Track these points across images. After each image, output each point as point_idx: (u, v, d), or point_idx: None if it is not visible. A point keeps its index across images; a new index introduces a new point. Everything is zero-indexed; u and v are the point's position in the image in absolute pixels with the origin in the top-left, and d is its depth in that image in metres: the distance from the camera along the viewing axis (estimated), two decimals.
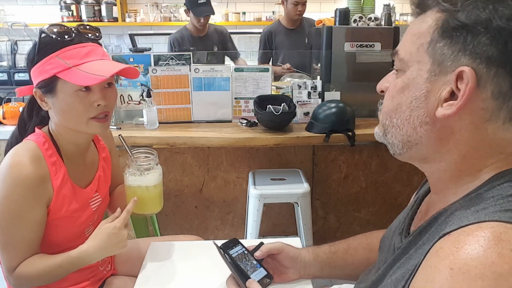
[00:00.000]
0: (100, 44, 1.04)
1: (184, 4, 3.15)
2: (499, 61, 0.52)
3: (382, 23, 2.31)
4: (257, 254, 0.94)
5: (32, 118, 1.10)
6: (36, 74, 0.97)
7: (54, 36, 0.95)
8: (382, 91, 0.67)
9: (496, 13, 0.51)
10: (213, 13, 3.14)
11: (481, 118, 0.55)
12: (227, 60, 3.40)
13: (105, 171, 1.20)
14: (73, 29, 0.99)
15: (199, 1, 3.02)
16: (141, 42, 4.05)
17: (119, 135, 1.13)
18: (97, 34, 1.04)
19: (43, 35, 0.96)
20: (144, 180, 1.07)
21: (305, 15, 3.35)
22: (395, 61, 0.63)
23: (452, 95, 0.55)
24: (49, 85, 0.97)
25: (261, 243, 0.98)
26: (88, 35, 1.01)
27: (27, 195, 0.96)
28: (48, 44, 0.96)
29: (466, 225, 0.50)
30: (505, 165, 0.56)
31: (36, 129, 1.05)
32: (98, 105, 0.99)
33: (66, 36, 0.96)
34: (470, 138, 0.56)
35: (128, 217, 1.04)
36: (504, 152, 0.56)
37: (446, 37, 0.55)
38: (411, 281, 0.54)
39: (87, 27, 1.03)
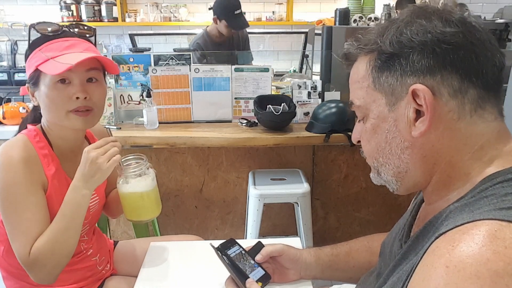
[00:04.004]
0: (91, 42, 1.05)
1: (214, 11, 2.81)
2: (438, 67, 0.57)
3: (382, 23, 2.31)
4: (258, 258, 0.94)
5: (32, 117, 1.11)
6: (27, 69, 1.01)
7: (40, 32, 0.99)
8: (359, 141, 0.71)
9: (412, 33, 0.58)
10: (248, 26, 2.90)
11: (452, 120, 0.58)
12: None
13: None
14: (63, 26, 1.01)
15: (235, 12, 2.73)
16: (141, 42, 4.04)
17: (107, 127, 1.13)
18: (88, 32, 1.06)
19: (32, 30, 1.00)
20: (137, 186, 1.05)
21: (304, 15, 3.31)
22: (356, 112, 0.69)
23: (418, 113, 0.59)
24: (33, 79, 1.00)
25: (259, 242, 0.98)
26: (75, 31, 1.03)
27: (21, 178, 0.96)
28: (35, 40, 1.00)
29: (461, 224, 0.50)
30: (492, 168, 0.58)
31: (29, 126, 1.06)
32: (77, 98, 0.98)
33: (49, 30, 0.99)
34: (449, 143, 0.59)
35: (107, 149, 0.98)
36: (478, 145, 0.59)
37: (385, 70, 0.61)
38: (409, 281, 0.55)
39: (77, 25, 1.05)
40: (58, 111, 0.99)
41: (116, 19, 4.25)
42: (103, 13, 4.21)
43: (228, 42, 3.02)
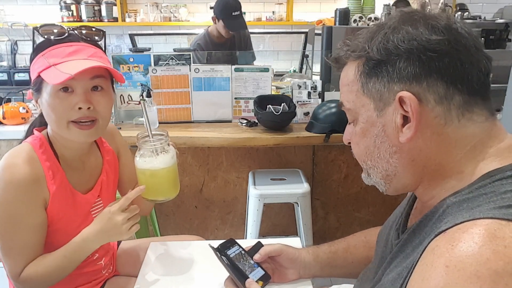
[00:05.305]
0: (98, 46, 1.00)
1: (214, 11, 2.84)
2: (424, 74, 0.58)
3: None
4: (256, 257, 0.94)
5: (39, 122, 1.07)
6: (30, 74, 0.97)
7: (45, 36, 0.95)
8: (350, 143, 0.73)
9: (398, 40, 0.59)
10: (246, 28, 2.94)
11: (439, 125, 0.59)
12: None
13: (109, 175, 1.14)
14: (69, 29, 0.97)
15: (233, 13, 2.75)
16: (141, 42, 4.05)
17: (142, 101, 1.09)
18: (96, 34, 1.01)
19: (36, 34, 0.97)
20: (155, 162, 0.98)
21: (304, 15, 3.31)
22: (346, 114, 0.71)
23: (405, 119, 0.60)
24: (36, 85, 0.95)
25: (259, 242, 0.98)
26: (82, 34, 0.98)
27: (21, 197, 0.93)
28: (39, 44, 0.95)
29: (461, 223, 0.50)
30: (490, 165, 0.58)
31: (35, 131, 1.02)
32: (79, 108, 0.92)
33: (53, 33, 0.94)
34: (437, 147, 0.60)
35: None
36: (469, 145, 0.59)
37: (372, 76, 0.62)
38: (408, 279, 0.55)
39: (84, 27, 1.00)
40: (60, 120, 0.93)
41: (116, 19, 4.25)
42: (103, 13, 4.21)
43: (230, 42, 3.02)
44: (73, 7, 4.14)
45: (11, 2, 4.34)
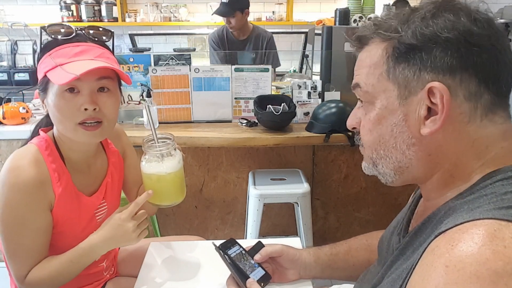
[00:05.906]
0: (106, 46, 0.99)
1: None
2: (460, 67, 0.55)
3: None
4: (257, 258, 0.94)
5: (45, 122, 1.06)
6: (38, 74, 0.95)
7: (51, 35, 0.93)
8: (354, 128, 0.69)
9: (438, 27, 0.55)
10: (224, 16, 2.94)
11: (462, 123, 0.57)
12: None
13: (114, 177, 1.14)
14: (77, 29, 0.96)
15: (222, 0, 2.90)
16: (141, 42, 4.05)
17: (145, 103, 1.06)
18: (104, 34, 1.00)
19: (43, 33, 0.95)
20: (161, 167, 0.97)
21: (304, 15, 3.32)
22: (360, 96, 0.65)
23: (429, 111, 0.57)
24: (43, 85, 0.94)
25: (259, 242, 0.98)
26: (89, 36, 0.97)
27: (27, 200, 0.92)
28: (47, 43, 0.94)
29: (461, 223, 0.50)
30: (493, 166, 0.57)
31: (41, 132, 1.01)
32: (85, 109, 0.90)
33: (60, 35, 0.93)
34: (456, 145, 0.58)
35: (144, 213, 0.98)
36: (484, 146, 0.58)
37: (402, 61, 0.58)
38: (408, 279, 0.55)
39: (92, 27, 0.99)
40: (66, 122, 0.92)
41: (116, 19, 4.25)
42: (103, 13, 4.21)
43: (250, 40, 3.06)
44: (73, 7, 4.14)
45: (11, 2, 4.34)
